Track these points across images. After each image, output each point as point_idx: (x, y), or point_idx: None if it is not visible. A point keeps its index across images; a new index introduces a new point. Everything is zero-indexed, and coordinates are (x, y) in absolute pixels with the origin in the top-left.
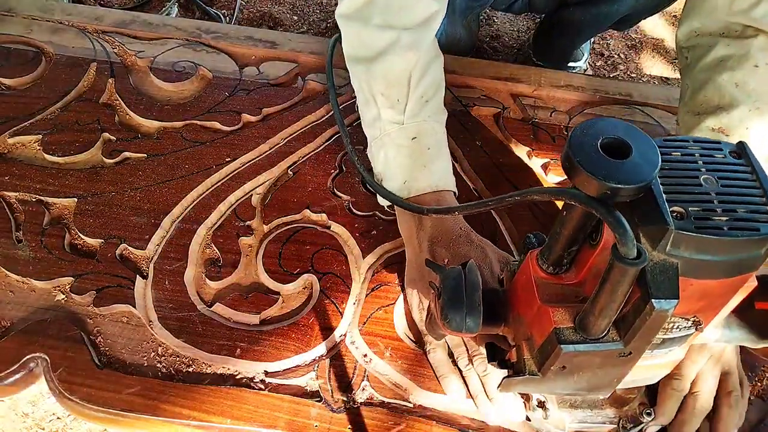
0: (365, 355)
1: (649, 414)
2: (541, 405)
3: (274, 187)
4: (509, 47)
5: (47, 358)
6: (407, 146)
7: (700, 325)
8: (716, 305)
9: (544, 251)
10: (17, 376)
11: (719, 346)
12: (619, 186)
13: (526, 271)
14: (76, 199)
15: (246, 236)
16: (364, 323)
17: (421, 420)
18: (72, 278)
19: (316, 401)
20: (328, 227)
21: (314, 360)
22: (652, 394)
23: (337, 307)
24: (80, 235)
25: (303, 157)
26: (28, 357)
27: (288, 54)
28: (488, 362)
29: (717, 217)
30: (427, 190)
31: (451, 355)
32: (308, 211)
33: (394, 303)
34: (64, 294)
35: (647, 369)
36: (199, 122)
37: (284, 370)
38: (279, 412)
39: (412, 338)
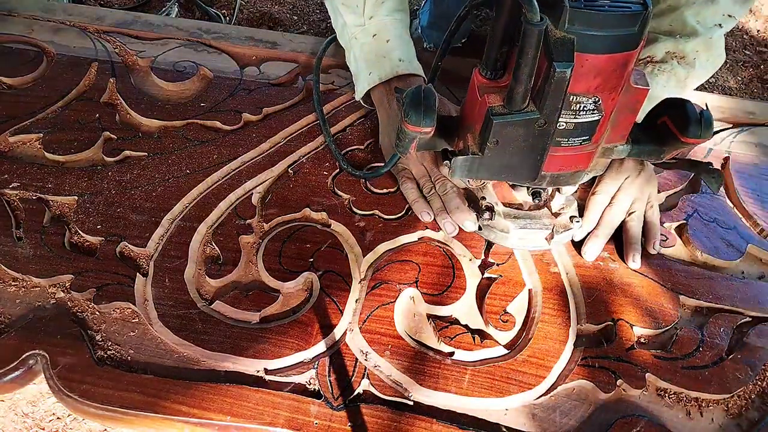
0: (365, 353)
1: (577, 221)
2: (489, 208)
3: (274, 185)
4: None
5: (47, 355)
6: (369, 43)
7: (601, 110)
8: (610, 84)
9: (482, 61)
10: (17, 373)
11: (635, 170)
12: None
13: (472, 85)
14: (76, 197)
15: (246, 234)
16: (365, 321)
17: (421, 418)
18: (72, 276)
19: (316, 399)
20: (329, 226)
21: (314, 358)
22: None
23: (337, 305)
24: (80, 232)
25: (303, 156)
26: (27, 354)
27: (288, 54)
28: (442, 161)
29: (602, 2)
30: (390, 75)
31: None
32: (308, 209)
33: (395, 301)
34: (64, 291)
35: (571, 167)
36: (199, 121)
37: (284, 367)
38: (279, 409)
39: (413, 336)
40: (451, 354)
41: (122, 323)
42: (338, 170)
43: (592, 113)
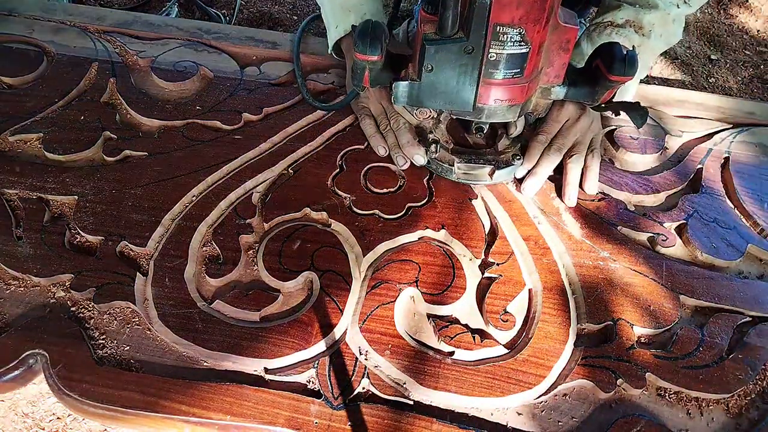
0: (365, 353)
1: (519, 159)
2: (435, 141)
3: (274, 185)
4: None
5: (46, 354)
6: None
7: (527, 42)
8: (533, 16)
9: None
10: (16, 372)
11: (575, 114)
12: None
13: (417, 25)
14: (76, 197)
15: (246, 234)
16: (364, 321)
17: (421, 417)
18: (72, 275)
19: (316, 398)
20: (329, 225)
21: (314, 357)
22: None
23: (337, 305)
24: (80, 232)
25: (303, 156)
26: (27, 353)
27: (288, 54)
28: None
29: None
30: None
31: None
32: (309, 209)
33: (395, 301)
34: (64, 291)
35: (505, 100)
36: (200, 121)
37: (284, 367)
38: (279, 408)
39: (413, 336)
40: (451, 354)
41: (122, 323)
42: (338, 170)
43: (519, 45)
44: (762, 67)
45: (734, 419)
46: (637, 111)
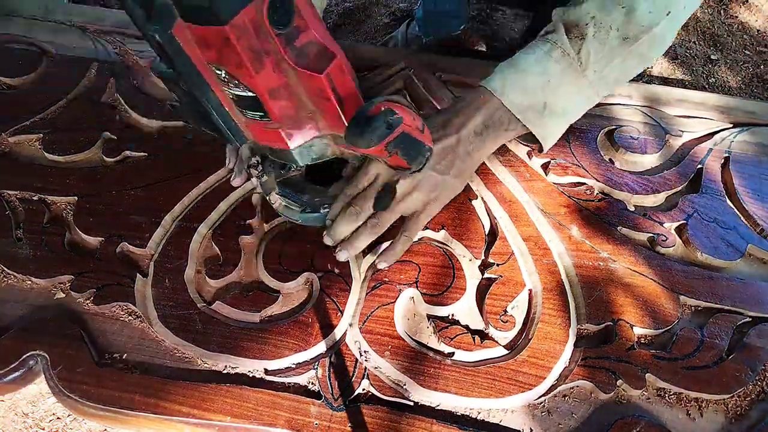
0: (365, 353)
1: (326, 207)
2: (253, 166)
3: None
4: (509, 47)
5: (47, 356)
6: None
7: (244, 86)
8: (232, 60)
9: None
10: (17, 374)
11: (386, 170)
12: None
13: None
14: (76, 198)
15: (246, 235)
16: (365, 321)
17: (421, 418)
18: (72, 276)
19: (316, 399)
20: None
21: (314, 358)
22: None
23: (337, 306)
24: (80, 233)
25: None
26: (27, 355)
27: None
28: None
29: None
30: None
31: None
32: None
33: (395, 301)
34: (64, 292)
35: (269, 141)
36: None
37: (284, 368)
38: (279, 410)
39: (413, 336)
40: (451, 354)
41: (122, 324)
42: None
43: (238, 87)
44: (762, 67)
45: (734, 419)
46: (383, 194)
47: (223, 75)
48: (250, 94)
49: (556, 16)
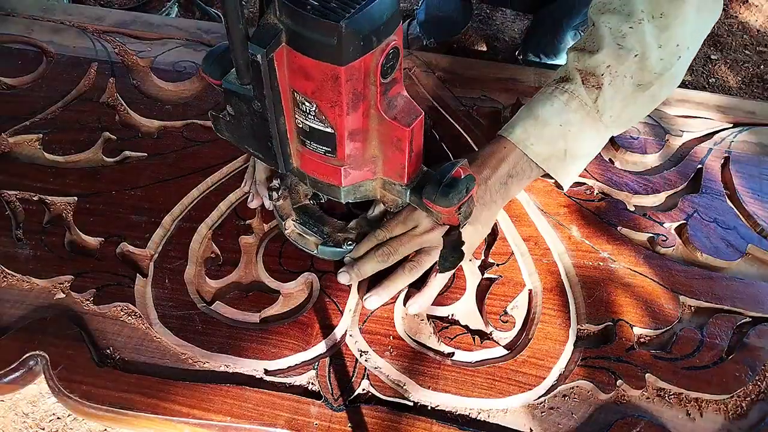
0: (365, 354)
1: (350, 244)
2: (275, 189)
3: None
4: (509, 47)
5: (47, 356)
6: None
7: (327, 123)
8: (327, 95)
9: None
10: (17, 374)
11: (428, 223)
12: None
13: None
14: (76, 198)
15: (246, 235)
16: (365, 322)
17: (421, 418)
18: (72, 276)
19: (317, 399)
20: None
21: (314, 358)
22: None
23: (337, 306)
24: (80, 233)
25: None
26: (27, 355)
27: None
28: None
29: (310, 2)
30: None
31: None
32: None
33: (395, 302)
34: (64, 292)
35: (322, 175)
36: (199, 122)
37: (284, 368)
38: (279, 410)
39: (413, 337)
40: (451, 354)
41: (122, 324)
42: None
43: (320, 123)
44: (762, 67)
45: (734, 419)
46: (451, 250)
47: (312, 109)
48: (329, 130)
49: (571, 63)
